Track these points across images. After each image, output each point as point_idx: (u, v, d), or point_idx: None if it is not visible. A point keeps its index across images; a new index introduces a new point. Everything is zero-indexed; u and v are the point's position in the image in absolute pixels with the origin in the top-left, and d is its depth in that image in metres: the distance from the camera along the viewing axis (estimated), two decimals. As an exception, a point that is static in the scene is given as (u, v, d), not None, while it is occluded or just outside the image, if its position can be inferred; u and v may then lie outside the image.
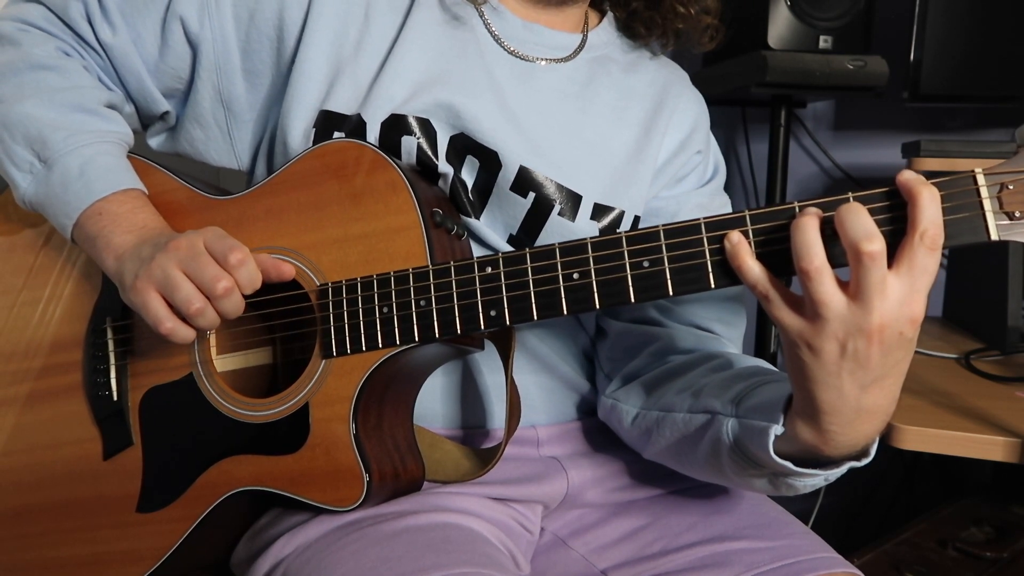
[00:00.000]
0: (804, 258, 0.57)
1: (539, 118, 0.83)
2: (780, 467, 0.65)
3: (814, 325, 0.58)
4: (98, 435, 0.80)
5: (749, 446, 0.67)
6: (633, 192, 0.86)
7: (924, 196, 0.56)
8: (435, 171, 0.78)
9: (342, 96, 0.78)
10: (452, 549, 0.67)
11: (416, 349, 0.71)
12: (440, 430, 0.83)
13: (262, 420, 0.74)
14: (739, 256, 0.61)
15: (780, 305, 0.60)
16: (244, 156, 0.85)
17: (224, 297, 0.69)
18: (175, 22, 0.80)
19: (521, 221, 0.81)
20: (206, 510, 0.75)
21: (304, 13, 0.80)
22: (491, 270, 0.68)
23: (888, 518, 1.82)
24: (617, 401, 0.84)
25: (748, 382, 0.72)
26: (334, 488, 0.71)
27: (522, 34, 0.86)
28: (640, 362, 0.85)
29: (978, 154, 1.36)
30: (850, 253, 0.55)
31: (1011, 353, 1.30)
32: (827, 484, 0.68)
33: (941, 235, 0.56)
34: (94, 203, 0.75)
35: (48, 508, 0.82)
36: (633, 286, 0.64)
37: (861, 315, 0.56)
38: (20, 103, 0.77)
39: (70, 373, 0.82)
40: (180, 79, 0.83)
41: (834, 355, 0.58)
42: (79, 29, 0.81)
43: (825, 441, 0.62)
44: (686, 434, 0.74)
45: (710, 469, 0.74)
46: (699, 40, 0.93)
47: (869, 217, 0.56)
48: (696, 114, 0.93)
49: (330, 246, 0.73)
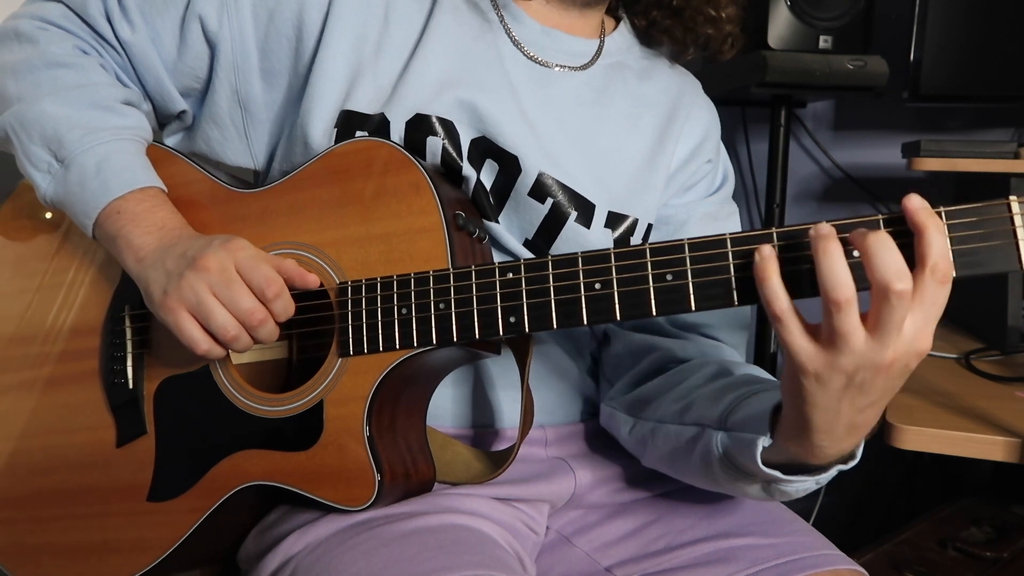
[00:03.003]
0: (836, 289, 0.54)
1: (555, 125, 0.83)
2: (768, 476, 0.65)
3: (827, 354, 0.57)
4: (112, 423, 0.80)
5: (738, 457, 0.68)
6: (647, 200, 0.86)
7: (931, 229, 0.54)
8: (459, 173, 0.78)
9: (364, 96, 0.78)
10: (462, 551, 0.67)
11: (432, 352, 0.71)
12: (449, 429, 0.83)
13: (276, 416, 0.74)
14: (766, 271, 0.58)
15: (795, 331, 0.57)
16: (260, 156, 0.85)
17: (259, 327, 0.70)
18: (194, 21, 0.80)
19: (537, 227, 0.81)
20: (216, 503, 0.75)
21: (324, 14, 0.80)
22: (512, 276, 0.68)
23: (888, 518, 1.83)
24: (615, 410, 0.85)
25: (738, 392, 0.72)
26: (346, 487, 0.70)
27: (541, 39, 0.86)
28: (641, 369, 0.85)
29: (978, 154, 1.36)
30: (877, 289, 0.54)
31: (1011, 353, 1.30)
32: (819, 487, 0.68)
33: (951, 268, 0.55)
34: (112, 202, 0.75)
35: (60, 493, 0.82)
36: (655, 299, 0.63)
37: (877, 350, 0.56)
38: (37, 102, 0.77)
39: (88, 359, 0.83)
40: (198, 78, 0.83)
41: (840, 384, 0.58)
42: (98, 26, 0.81)
43: (813, 454, 0.63)
44: (678, 446, 0.75)
45: (704, 478, 0.75)
46: (719, 48, 0.93)
47: (899, 253, 0.54)
48: (707, 123, 0.94)
49: (351, 244, 0.73)
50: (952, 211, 0.57)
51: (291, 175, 0.77)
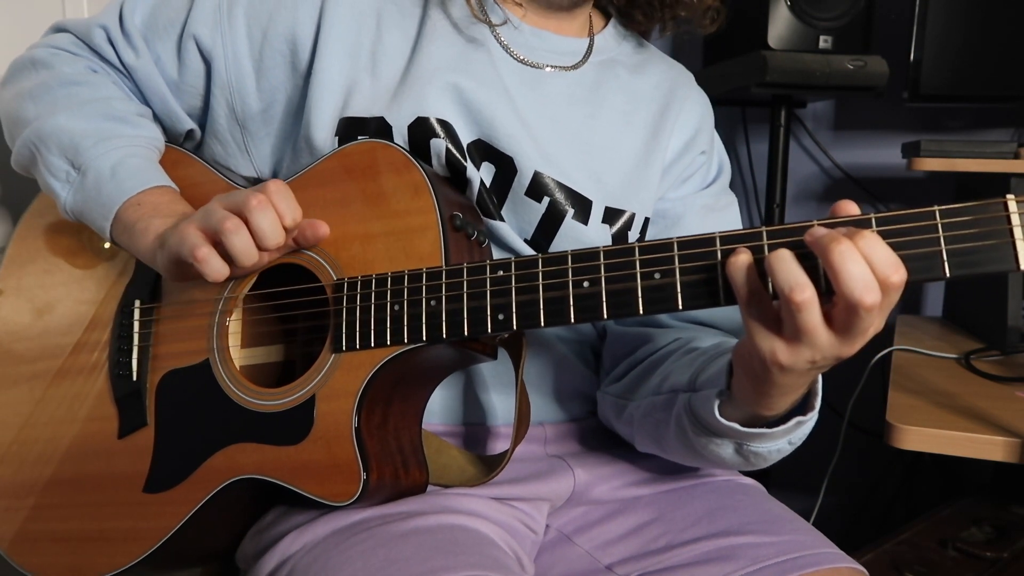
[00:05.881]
0: (796, 290, 0.55)
1: (549, 124, 0.84)
2: (727, 429, 0.67)
3: (791, 348, 0.58)
4: (115, 414, 0.82)
5: (700, 414, 0.70)
6: (643, 195, 0.87)
7: (839, 251, 0.54)
8: (464, 174, 0.79)
9: (363, 103, 0.80)
10: (460, 551, 0.68)
11: (425, 350, 0.71)
12: (440, 426, 0.83)
13: (269, 410, 0.74)
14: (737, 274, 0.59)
15: (766, 334, 0.58)
16: (265, 169, 0.86)
17: (259, 211, 0.68)
18: (190, 41, 0.83)
19: (536, 225, 0.82)
20: (208, 495, 0.75)
21: (316, 27, 0.81)
22: (503, 273, 0.68)
23: (888, 518, 1.83)
24: (607, 395, 0.86)
25: (707, 355, 0.75)
26: (331, 482, 0.71)
27: (531, 41, 0.87)
28: (636, 358, 0.86)
29: (978, 154, 1.36)
30: (846, 304, 0.54)
31: (1011, 353, 1.30)
32: (793, 448, 0.70)
33: (904, 272, 0.54)
34: (130, 197, 0.77)
35: (62, 482, 0.83)
36: (642, 298, 0.63)
37: (841, 346, 0.57)
38: (53, 117, 0.81)
39: (97, 352, 0.84)
40: (200, 96, 0.86)
41: (803, 369, 0.59)
42: (104, 52, 0.86)
43: (767, 407, 0.65)
44: (659, 418, 0.76)
45: (684, 448, 0.76)
46: (700, 23, 0.93)
47: (866, 265, 0.53)
48: (701, 115, 0.94)
49: (350, 242, 0.74)
50: (947, 210, 0.56)
51: (298, 175, 0.79)
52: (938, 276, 0.56)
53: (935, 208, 0.56)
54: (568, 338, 0.89)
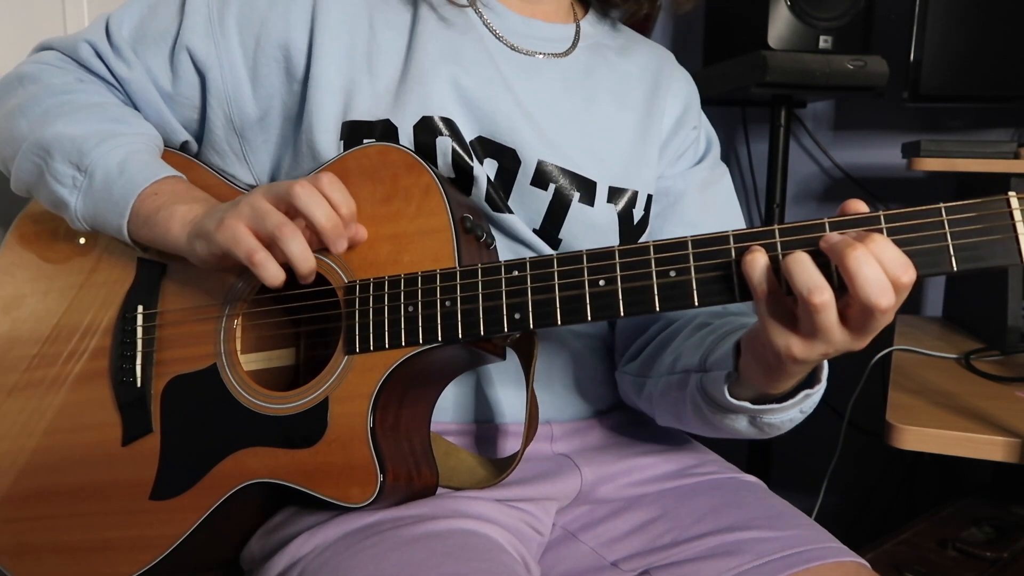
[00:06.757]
0: (815, 292, 0.57)
1: (548, 111, 0.86)
2: (739, 407, 0.70)
3: (806, 343, 0.60)
4: (119, 421, 0.80)
5: (713, 394, 0.72)
6: (644, 172, 0.89)
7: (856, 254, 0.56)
8: (470, 172, 0.79)
9: (364, 105, 0.80)
10: (471, 557, 0.68)
11: (437, 351, 0.71)
12: (452, 424, 0.83)
13: (281, 413, 0.74)
14: (753, 272, 0.61)
15: (781, 330, 0.61)
16: (263, 176, 0.86)
17: (312, 203, 0.68)
18: (183, 52, 0.82)
19: (544, 213, 0.83)
20: (218, 500, 0.74)
21: (309, 31, 0.81)
22: (518, 273, 0.68)
23: (888, 518, 1.83)
24: (626, 374, 0.88)
25: (716, 334, 0.77)
26: (347, 484, 0.70)
27: (522, 29, 0.88)
28: (648, 335, 0.88)
29: (978, 154, 1.36)
30: (862, 307, 0.57)
31: (1011, 353, 1.30)
32: (804, 415, 0.73)
33: (913, 270, 0.57)
34: (145, 187, 0.76)
35: (65, 491, 0.82)
36: (658, 295, 0.64)
37: (854, 340, 0.60)
38: (50, 126, 0.80)
39: (98, 358, 0.83)
40: (195, 107, 0.85)
41: (814, 361, 0.63)
42: (92, 67, 0.85)
43: (774, 387, 0.68)
44: (677, 396, 0.79)
45: (701, 423, 0.78)
46: (676, 1, 0.97)
47: (882, 271, 0.56)
48: (688, 92, 0.98)
49: (360, 244, 0.74)
50: (953, 207, 0.58)
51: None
52: (945, 271, 0.59)
53: (941, 205, 0.59)
54: (582, 332, 0.89)
